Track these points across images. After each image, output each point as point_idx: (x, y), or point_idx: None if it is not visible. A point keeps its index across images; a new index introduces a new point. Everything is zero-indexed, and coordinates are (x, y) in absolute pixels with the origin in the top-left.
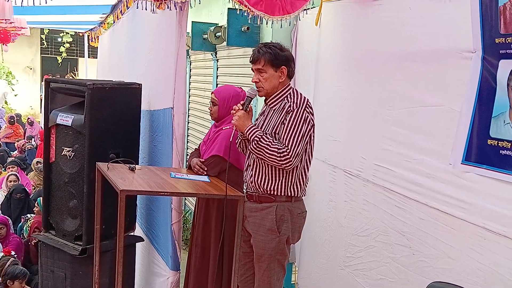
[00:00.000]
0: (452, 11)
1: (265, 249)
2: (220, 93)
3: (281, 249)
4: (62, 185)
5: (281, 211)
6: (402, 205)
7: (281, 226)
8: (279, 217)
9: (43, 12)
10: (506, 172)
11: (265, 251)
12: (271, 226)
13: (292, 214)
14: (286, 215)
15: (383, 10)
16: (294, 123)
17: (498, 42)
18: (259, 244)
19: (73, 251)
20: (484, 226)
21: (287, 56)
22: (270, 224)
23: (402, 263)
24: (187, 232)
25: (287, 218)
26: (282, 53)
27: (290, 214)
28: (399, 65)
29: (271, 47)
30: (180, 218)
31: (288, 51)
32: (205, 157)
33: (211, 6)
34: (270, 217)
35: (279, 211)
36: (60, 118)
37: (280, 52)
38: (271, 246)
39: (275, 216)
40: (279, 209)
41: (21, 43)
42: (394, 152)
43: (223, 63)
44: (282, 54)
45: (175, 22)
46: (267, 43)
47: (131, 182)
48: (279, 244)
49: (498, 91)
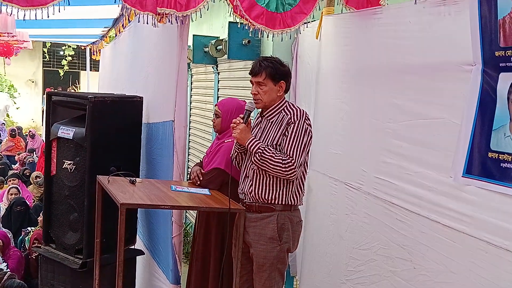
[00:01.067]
0: (451, 24)
1: (266, 258)
2: (224, 106)
3: (282, 258)
4: (63, 198)
5: (282, 220)
6: (403, 218)
7: (282, 235)
8: (280, 225)
9: (46, 25)
10: (507, 185)
11: (266, 260)
12: (272, 235)
13: (292, 222)
14: (287, 224)
15: (383, 24)
16: (297, 134)
17: (498, 55)
18: (260, 253)
19: (74, 264)
20: (486, 240)
21: (286, 71)
22: (272, 233)
23: (403, 277)
24: (188, 246)
25: (288, 226)
26: (282, 68)
27: (291, 223)
28: (399, 78)
29: (272, 61)
30: (180, 232)
31: (287, 66)
32: (206, 170)
33: (212, 19)
34: (271, 226)
35: (280, 220)
36: (61, 131)
37: (280, 67)
38: (272, 255)
39: (276, 225)
40: (280, 218)
41: (23, 56)
42: (395, 165)
43: (224, 76)
44: (282, 69)
45: (176, 36)
46: (268, 57)
47: (131, 195)
48: (280, 253)
49: (498, 104)
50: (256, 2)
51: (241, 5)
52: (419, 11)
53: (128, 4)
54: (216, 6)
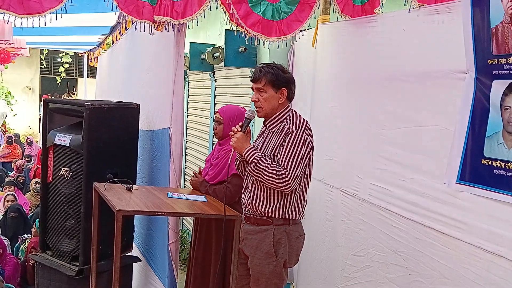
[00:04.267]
0: (445, 33)
1: (262, 273)
2: (225, 113)
3: (279, 273)
4: (59, 205)
5: (278, 234)
6: (398, 224)
7: (279, 250)
8: (277, 240)
9: (43, 33)
10: (500, 192)
11: (262, 274)
12: (268, 249)
13: (290, 237)
14: (284, 239)
15: (378, 32)
16: (293, 145)
17: (490, 63)
18: (256, 267)
19: (70, 271)
20: (480, 246)
21: (288, 78)
22: (268, 247)
23: (398, 283)
24: (185, 252)
25: (285, 241)
26: (283, 75)
27: (288, 238)
28: (394, 85)
29: (273, 67)
30: (177, 238)
31: (290, 73)
32: (211, 176)
33: (209, 27)
34: (267, 240)
35: (276, 234)
36: (58, 138)
37: (281, 74)
38: (268, 270)
39: (273, 239)
40: (277, 232)
41: (21, 63)
42: (390, 172)
43: (221, 83)
44: (284, 76)
45: (173, 43)
46: (270, 63)
47: (128, 202)
48: (277, 268)
49: (491, 111)
50: (252, 10)
51: (237, 13)
52: (413, 20)
53: (125, 12)
54: (212, 13)
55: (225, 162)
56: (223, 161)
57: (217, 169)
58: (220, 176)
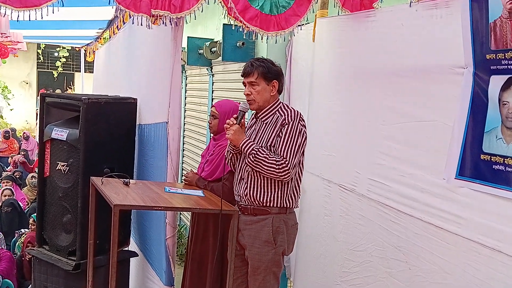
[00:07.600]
0: (443, 28)
1: (261, 261)
2: (221, 107)
3: (277, 261)
4: (56, 199)
5: (277, 223)
6: (397, 219)
7: (277, 238)
8: (275, 228)
9: (40, 27)
10: (499, 187)
11: (261, 263)
12: (267, 238)
13: (287, 225)
14: (282, 227)
15: (376, 26)
16: (291, 135)
17: (489, 58)
18: (255, 256)
19: (67, 266)
20: (479, 241)
21: (278, 71)
22: (267, 236)
23: (398, 278)
24: (182, 247)
25: (283, 229)
26: (274, 68)
27: (286, 226)
28: (392, 80)
29: (263, 61)
30: (174, 233)
31: (279, 66)
32: (208, 171)
33: (207, 21)
34: (266, 229)
35: (275, 223)
36: (55, 132)
37: (272, 67)
38: (267, 258)
39: (271, 228)
40: (275, 221)
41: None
42: (388, 167)
43: (218, 77)
44: (274, 69)
45: (171, 37)
46: (259, 58)
47: (125, 196)
48: (275, 256)
49: (490, 107)
50: (250, 4)
51: (235, 7)
52: (411, 14)
53: (122, 5)
54: (210, 8)
55: (221, 159)
56: (218, 158)
57: (213, 165)
58: (217, 173)
